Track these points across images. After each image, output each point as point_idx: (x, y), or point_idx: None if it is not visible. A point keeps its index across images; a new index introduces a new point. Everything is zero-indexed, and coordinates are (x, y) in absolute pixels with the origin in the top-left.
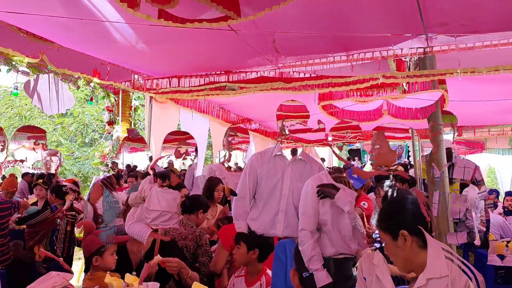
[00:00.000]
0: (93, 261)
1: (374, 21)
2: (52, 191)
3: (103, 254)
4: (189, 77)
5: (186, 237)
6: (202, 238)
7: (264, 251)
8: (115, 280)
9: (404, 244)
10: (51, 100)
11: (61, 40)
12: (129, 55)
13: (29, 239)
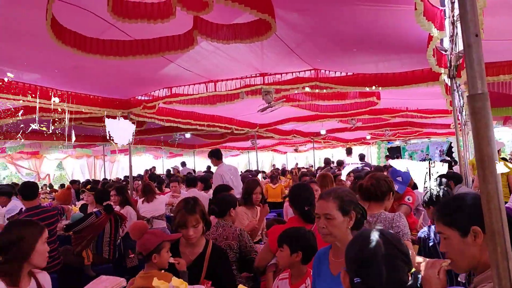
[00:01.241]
0: (152, 259)
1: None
2: (95, 196)
3: (161, 252)
4: (225, 80)
5: (228, 237)
6: (243, 236)
7: (308, 254)
8: (162, 283)
9: (474, 242)
10: None
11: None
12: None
13: (77, 244)
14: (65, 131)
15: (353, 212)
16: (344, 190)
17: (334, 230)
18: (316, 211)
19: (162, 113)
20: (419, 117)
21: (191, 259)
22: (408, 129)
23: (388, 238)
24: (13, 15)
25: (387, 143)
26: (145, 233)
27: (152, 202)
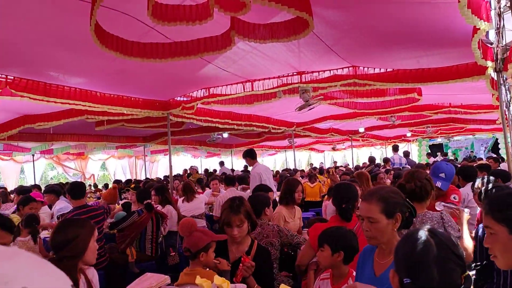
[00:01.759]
0: (199, 257)
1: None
2: (137, 195)
3: (209, 251)
4: (262, 80)
5: (268, 235)
6: (282, 231)
7: (350, 253)
8: (205, 281)
9: None
10: None
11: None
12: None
13: (121, 242)
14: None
15: (399, 213)
16: (388, 190)
17: (378, 234)
18: (359, 212)
19: (200, 113)
20: (463, 113)
21: (237, 256)
22: (451, 125)
23: (440, 238)
24: (60, 22)
25: (429, 140)
26: (194, 231)
27: (192, 201)
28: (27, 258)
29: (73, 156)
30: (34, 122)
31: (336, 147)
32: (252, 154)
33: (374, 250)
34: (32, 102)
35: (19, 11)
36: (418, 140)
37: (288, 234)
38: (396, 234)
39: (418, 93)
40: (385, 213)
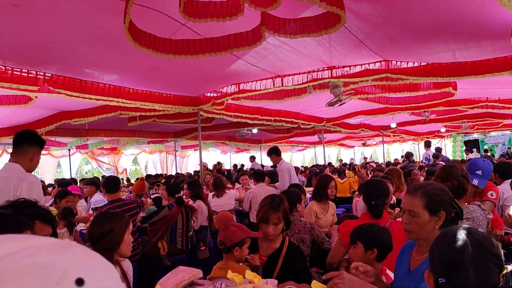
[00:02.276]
0: (233, 251)
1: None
2: (167, 189)
3: (243, 246)
4: (291, 75)
5: (300, 231)
6: (314, 229)
7: (383, 251)
8: (236, 276)
9: None
10: None
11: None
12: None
13: (152, 236)
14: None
15: (443, 212)
16: (436, 187)
17: (417, 228)
18: (401, 205)
19: (230, 109)
20: (500, 108)
21: (268, 253)
22: (488, 120)
23: (476, 238)
24: (95, 20)
25: (464, 136)
26: (230, 225)
27: (222, 197)
28: (80, 250)
29: (106, 150)
30: (71, 118)
31: (367, 143)
32: (277, 151)
33: (414, 246)
34: (68, 98)
35: (58, 11)
36: (452, 135)
37: (319, 235)
38: (437, 232)
39: (454, 87)
40: (428, 209)
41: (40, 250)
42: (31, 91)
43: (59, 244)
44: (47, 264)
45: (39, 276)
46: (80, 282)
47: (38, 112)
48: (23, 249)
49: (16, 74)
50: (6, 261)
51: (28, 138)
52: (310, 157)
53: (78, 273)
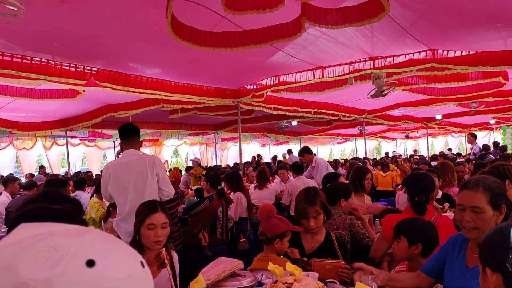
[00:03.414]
0: (274, 243)
1: None
2: (208, 180)
3: (284, 239)
4: (332, 66)
5: (338, 227)
6: (354, 225)
7: (428, 246)
8: (277, 268)
9: None
10: None
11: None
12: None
13: (193, 227)
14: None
15: (504, 206)
16: (494, 180)
17: (482, 225)
18: (460, 202)
19: (269, 101)
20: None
21: (312, 246)
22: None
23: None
24: (139, 15)
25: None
26: (272, 217)
27: (262, 190)
28: (96, 235)
29: (149, 142)
30: (116, 111)
31: (410, 135)
32: (309, 150)
33: (467, 241)
34: (113, 92)
35: (103, 7)
36: (502, 127)
37: (359, 231)
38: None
39: (504, 77)
40: (492, 203)
41: (54, 234)
42: (79, 85)
43: (76, 229)
44: (59, 246)
45: (51, 257)
46: (91, 263)
47: (85, 105)
48: (39, 234)
49: (65, 69)
50: (24, 243)
51: (137, 130)
52: (350, 149)
53: (90, 255)
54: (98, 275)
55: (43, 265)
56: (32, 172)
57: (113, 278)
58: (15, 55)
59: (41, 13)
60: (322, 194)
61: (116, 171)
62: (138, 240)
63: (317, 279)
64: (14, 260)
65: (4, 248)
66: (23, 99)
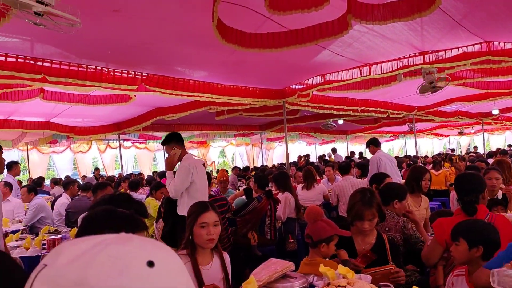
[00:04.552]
0: (320, 247)
1: None
2: (255, 181)
3: (330, 243)
4: (380, 63)
5: (390, 229)
6: (407, 228)
7: (490, 249)
8: (329, 270)
9: None
10: None
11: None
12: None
13: (242, 227)
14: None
15: None
16: None
17: None
18: None
19: (315, 100)
20: None
21: (363, 248)
22: None
23: None
24: (185, 20)
25: None
26: (319, 220)
27: (310, 190)
28: (141, 240)
29: (196, 144)
30: (165, 114)
31: (464, 132)
32: (376, 142)
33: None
34: (162, 96)
35: (152, 13)
36: None
37: (413, 235)
38: None
39: None
40: None
41: (108, 244)
42: (130, 90)
43: (121, 237)
44: (119, 253)
45: (114, 265)
46: (151, 263)
47: (136, 109)
48: (94, 245)
49: (117, 75)
50: (84, 258)
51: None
52: (398, 148)
53: (147, 257)
54: (159, 273)
55: (111, 273)
56: (88, 174)
57: (173, 273)
58: (72, 63)
59: (95, 23)
60: (378, 197)
61: (200, 171)
62: (191, 240)
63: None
64: (83, 275)
65: (67, 266)
66: (79, 105)
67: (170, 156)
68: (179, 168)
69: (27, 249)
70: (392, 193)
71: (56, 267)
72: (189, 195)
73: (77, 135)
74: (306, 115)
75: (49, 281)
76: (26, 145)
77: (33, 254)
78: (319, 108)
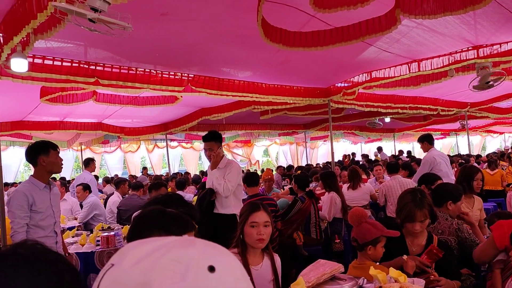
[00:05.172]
0: (367, 249)
1: None
2: (296, 182)
3: (377, 245)
4: (430, 58)
5: (444, 232)
6: (462, 231)
7: None
8: (379, 273)
9: None
10: None
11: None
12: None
13: (287, 228)
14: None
15: None
16: None
17: None
18: None
19: (361, 98)
20: None
21: (413, 250)
22: None
23: None
24: (231, 20)
25: None
26: (364, 222)
27: (356, 189)
28: (203, 243)
29: (240, 143)
30: (210, 114)
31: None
32: (430, 139)
33: None
34: (208, 96)
35: (198, 16)
36: None
37: (468, 237)
38: None
39: None
40: None
41: (171, 248)
42: (177, 91)
43: (184, 240)
44: (181, 258)
45: (177, 269)
46: (212, 269)
47: (182, 109)
48: (156, 249)
49: (165, 77)
50: (147, 261)
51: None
52: (449, 146)
53: (209, 261)
54: (220, 278)
55: (174, 278)
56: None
57: (233, 278)
58: (122, 67)
59: (144, 27)
60: (429, 198)
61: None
62: (242, 239)
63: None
64: (146, 278)
65: (132, 268)
66: (129, 106)
67: (217, 155)
68: (233, 168)
69: (83, 245)
70: (446, 194)
71: (122, 268)
72: (234, 194)
73: (126, 135)
74: (351, 113)
75: (115, 281)
76: (80, 145)
77: (88, 250)
78: (365, 106)
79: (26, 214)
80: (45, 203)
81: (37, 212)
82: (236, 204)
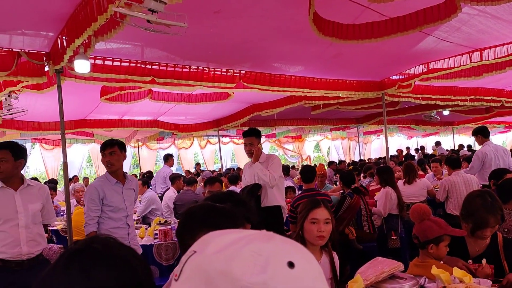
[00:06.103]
0: (428, 248)
1: None
2: (341, 179)
3: (439, 244)
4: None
5: (510, 230)
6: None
7: None
8: (442, 272)
9: None
10: None
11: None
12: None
13: (339, 224)
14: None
15: None
16: None
17: None
18: None
19: (418, 91)
20: None
21: (477, 250)
22: None
23: None
24: (282, 16)
25: None
26: (426, 219)
27: (412, 184)
28: (281, 239)
29: (291, 138)
30: (261, 110)
31: None
32: (485, 132)
33: None
34: (259, 92)
35: (250, 12)
36: None
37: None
38: None
39: None
40: None
41: (252, 240)
42: (229, 88)
43: (264, 234)
44: (262, 251)
45: (257, 261)
46: (291, 264)
47: (234, 106)
48: (238, 240)
49: (217, 74)
50: (229, 251)
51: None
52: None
53: (288, 257)
54: (299, 275)
55: (254, 269)
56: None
57: (311, 276)
58: (176, 65)
59: (198, 25)
60: (499, 201)
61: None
62: (301, 236)
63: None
64: (228, 267)
65: (214, 255)
66: (182, 103)
67: (258, 149)
68: (274, 161)
69: (142, 238)
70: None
71: (205, 255)
72: (277, 186)
73: (180, 132)
74: (407, 107)
75: (198, 267)
76: (137, 142)
77: (147, 243)
78: (421, 99)
79: (96, 208)
80: (116, 197)
81: (108, 206)
82: (279, 195)
